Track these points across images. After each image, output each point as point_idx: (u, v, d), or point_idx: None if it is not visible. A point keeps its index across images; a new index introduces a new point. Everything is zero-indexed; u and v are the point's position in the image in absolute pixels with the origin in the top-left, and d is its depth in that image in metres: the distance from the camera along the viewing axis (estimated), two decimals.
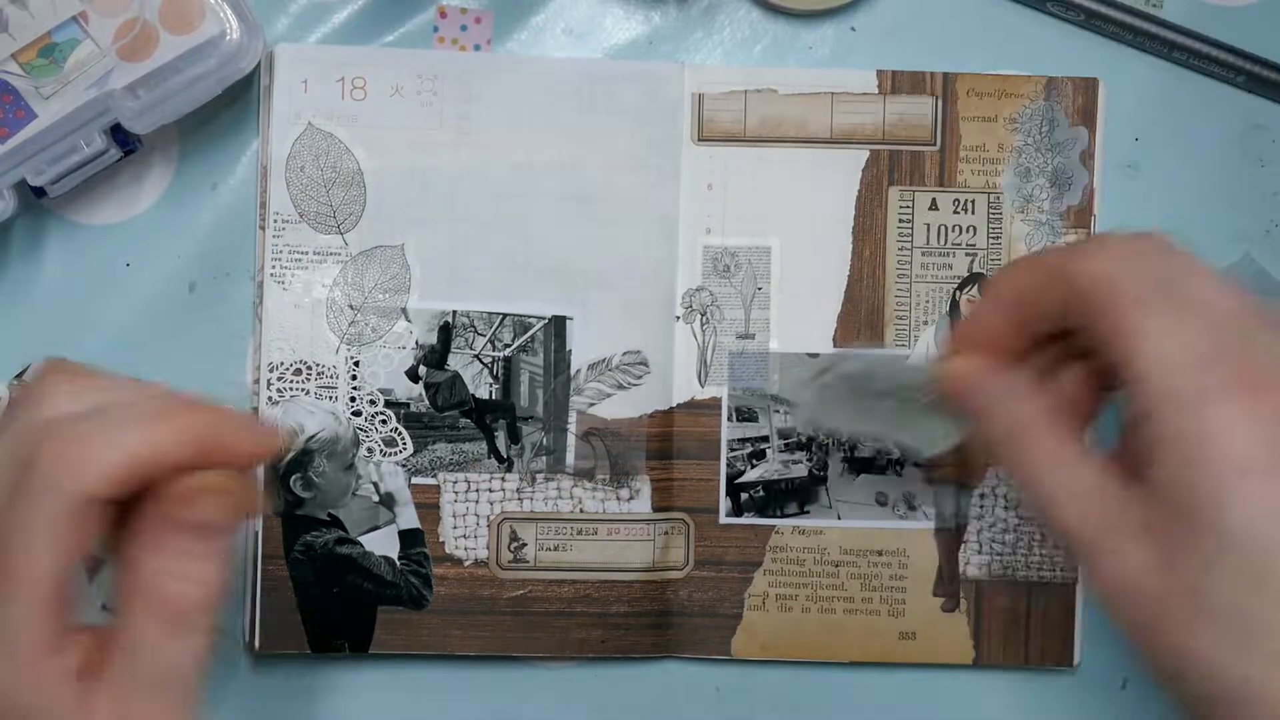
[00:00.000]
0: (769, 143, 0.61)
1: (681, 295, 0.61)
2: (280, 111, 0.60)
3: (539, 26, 0.62)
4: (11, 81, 0.56)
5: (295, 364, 0.60)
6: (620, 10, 0.62)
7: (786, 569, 0.61)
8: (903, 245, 0.61)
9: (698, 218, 0.61)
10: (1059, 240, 0.61)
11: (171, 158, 0.61)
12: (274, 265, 0.60)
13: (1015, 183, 0.61)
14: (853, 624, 0.61)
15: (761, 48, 0.62)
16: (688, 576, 0.61)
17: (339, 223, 0.60)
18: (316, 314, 0.60)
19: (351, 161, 0.60)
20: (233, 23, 0.57)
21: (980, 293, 0.61)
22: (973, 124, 0.61)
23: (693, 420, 0.61)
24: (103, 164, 0.57)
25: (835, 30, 0.62)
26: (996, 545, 0.61)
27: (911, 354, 0.61)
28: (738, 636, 0.61)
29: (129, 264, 0.61)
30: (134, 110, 0.56)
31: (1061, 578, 0.61)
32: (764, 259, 0.61)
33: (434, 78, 0.60)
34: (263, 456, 0.44)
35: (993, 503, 0.61)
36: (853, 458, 0.61)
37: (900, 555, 0.61)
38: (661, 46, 0.62)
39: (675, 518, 0.61)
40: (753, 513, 0.61)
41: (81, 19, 0.56)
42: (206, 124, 0.61)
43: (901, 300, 0.61)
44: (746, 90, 0.61)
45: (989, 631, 0.61)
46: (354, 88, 0.60)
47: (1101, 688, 0.62)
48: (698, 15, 0.62)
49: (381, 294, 0.60)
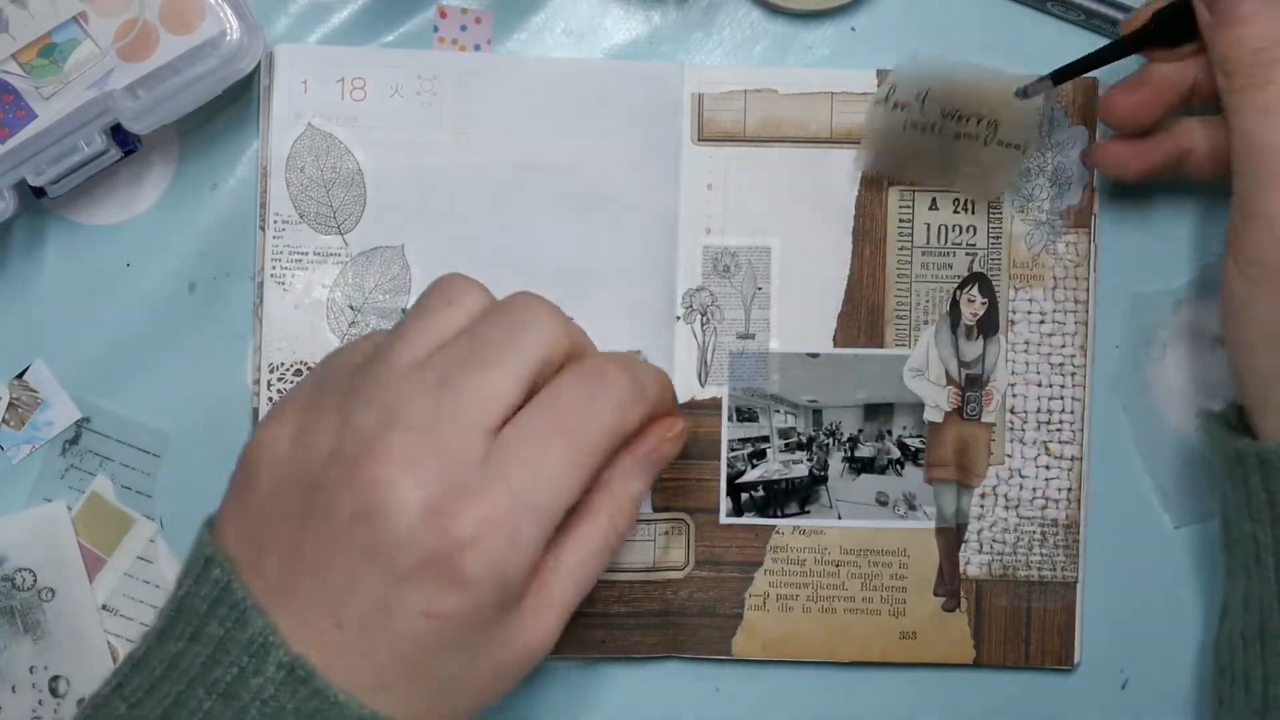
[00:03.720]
0: (769, 143, 0.61)
1: (681, 295, 0.61)
2: (280, 112, 0.60)
3: (539, 26, 0.62)
4: (11, 81, 0.56)
5: (295, 365, 0.60)
6: (620, 10, 0.62)
7: (787, 569, 0.61)
8: (903, 245, 0.61)
9: (698, 218, 0.61)
10: (1059, 241, 0.61)
11: (171, 158, 0.61)
12: (274, 266, 0.60)
13: (1015, 182, 0.61)
14: (853, 624, 0.61)
15: (761, 48, 0.62)
16: (688, 576, 0.61)
17: (339, 223, 0.60)
18: (317, 315, 0.60)
19: (351, 162, 0.60)
20: (233, 23, 0.57)
21: None
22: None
23: (693, 420, 0.61)
24: (103, 164, 0.57)
25: (835, 30, 0.62)
26: (996, 545, 0.61)
27: (912, 354, 0.61)
28: (738, 636, 0.61)
29: (129, 264, 0.61)
30: (134, 110, 0.56)
31: (1061, 577, 0.61)
32: (764, 259, 0.61)
33: (434, 78, 0.60)
34: None
35: (993, 502, 0.61)
36: (853, 457, 0.61)
37: (900, 555, 0.61)
38: (661, 46, 0.62)
39: (676, 518, 0.61)
40: (753, 513, 0.61)
41: (81, 19, 0.56)
42: (206, 124, 0.61)
43: (902, 300, 0.61)
44: (746, 90, 0.61)
45: (989, 631, 0.61)
46: (354, 88, 0.60)
47: (1101, 688, 0.62)
48: (698, 15, 0.62)
49: (382, 295, 0.60)
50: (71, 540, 0.60)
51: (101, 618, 0.60)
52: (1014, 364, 0.61)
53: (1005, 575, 0.61)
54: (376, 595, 0.45)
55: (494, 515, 0.46)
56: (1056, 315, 0.61)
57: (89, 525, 0.60)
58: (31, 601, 0.60)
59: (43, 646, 0.60)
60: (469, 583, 0.45)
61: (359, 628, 0.46)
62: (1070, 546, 0.61)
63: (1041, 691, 0.62)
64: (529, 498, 0.46)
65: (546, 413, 0.48)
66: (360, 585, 0.46)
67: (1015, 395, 0.61)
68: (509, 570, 0.46)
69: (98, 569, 0.61)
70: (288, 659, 0.45)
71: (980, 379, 0.61)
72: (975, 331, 0.61)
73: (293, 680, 0.45)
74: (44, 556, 0.60)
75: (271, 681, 0.45)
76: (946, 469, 0.61)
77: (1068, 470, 0.61)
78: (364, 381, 0.48)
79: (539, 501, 0.47)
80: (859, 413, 0.61)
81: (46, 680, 0.60)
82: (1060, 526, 0.61)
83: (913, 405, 0.61)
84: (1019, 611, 0.61)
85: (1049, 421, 0.61)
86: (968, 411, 0.61)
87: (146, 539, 0.61)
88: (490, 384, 0.47)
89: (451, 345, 0.48)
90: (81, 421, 0.61)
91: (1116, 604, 0.62)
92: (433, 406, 0.46)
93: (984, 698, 0.62)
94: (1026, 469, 0.61)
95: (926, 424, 0.61)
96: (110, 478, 0.61)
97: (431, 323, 0.49)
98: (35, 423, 0.60)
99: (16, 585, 0.60)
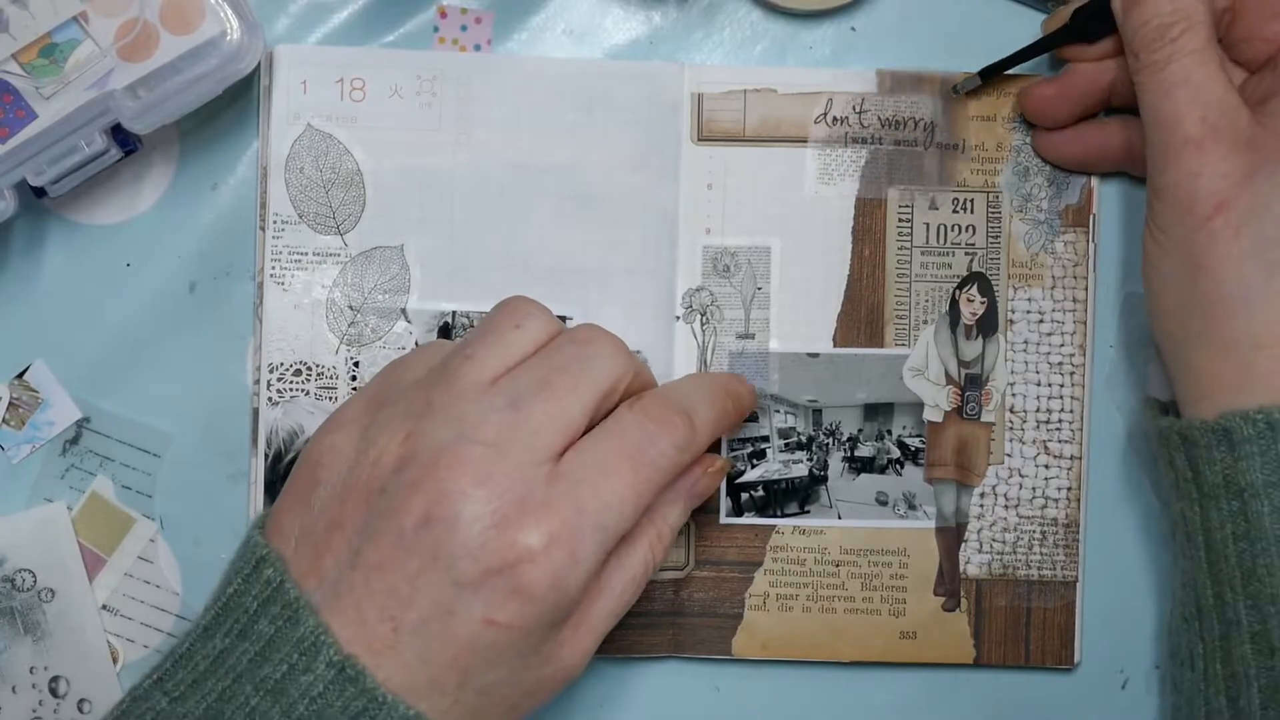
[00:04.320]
0: (769, 143, 0.61)
1: (681, 295, 0.61)
2: (280, 112, 0.60)
3: (539, 26, 0.62)
4: (12, 81, 0.56)
5: (295, 364, 0.60)
6: (620, 10, 0.62)
7: (787, 569, 0.61)
8: (902, 245, 0.61)
9: (698, 218, 0.61)
10: (1057, 240, 0.61)
11: (171, 158, 0.61)
12: (274, 266, 0.60)
13: (1014, 181, 0.61)
14: (853, 624, 0.61)
15: (761, 48, 0.62)
16: (688, 576, 0.61)
17: (338, 223, 0.60)
18: (316, 315, 0.60)
19: (351, 162, 0.60)
20: (233, 23, 0.57)
21: None
22: (972, 123, 0.61)
23: None
24: (103, 164, 0.57)
25: (835, 30, 0.62)
26: (996, 545, 0.61)
27: (911, 354, 0.61)
28: (738, 636, 0.61)
29: (129, 264, 0.61)
30: (134, 110, 0.56)
31: (1062, 577, 0.61)
32: (764, 259, 0.61)
33: (433, 78, 0.60)
34: None
35: (992, 502, 0.61)
36: (853, 457, 0.61)
37: (900, 555, 0.61)
38: (661, 46, 0.62)
39: None
40: (753, 513, 0.61)
41: (81, 19, 0.56)
42: (206, 124, 0.61)
43: (901, 300, 0.61)
44: (746, 90, 0.61)
45: (989, 631, 0.61)
46: (353, 88, 0.60)
47: (1101, 688, 0.62)
48: (698, 15, 0.62)
49: (381, 294, 0.60)
50: (71, 540, 0.60)
51: (101, 618, 0.60)
52: (1013, 363, 0.61)
53: (1005, 575, 0.61)
54: (439, 600, 0.47)
55: (559, 532, 0.48)
56: (1055, 315, 0.61)
57: (89, 525, 0.60)
58: (31, 602, 0.60)
59: (43, 647, 0.60)
60: (531, 594, 0.47)
61: (417, 631, 0.47)
62: (1070, 546, 0.61)
63: (1041, 691, 0.62)
64: (592, 518, 0.49)
65: (614, 441, 0.50)
66: (423, 589, 0.47)
67: (1015, 395, 0.61)
68: (569, 585, 0.48)
69: (98, 569, 0.61)
70: (338, 658, 0.47)
71: (980, 378, 0.61)
72: (974, 331, 0.61)
73: (342, 679, 0.47)
74: (44, 557, 0.60)
75: (321, 679, 0.47)
76: (946, 468, 0.61)
77: (1067, 469, 0.61)
78: (434, 396, 0.49)
79: (601, 522, 0.49)
80: (859, 412, 0.61)
81: (46, 680, 0.60)
82: (1060, 526, 0.61)
83: (912, 405, 0.61)
84: (1019, 611, 0.61)
85: (1048, 421, 0.61)
86: (967, 411, 0.61)
87: (146, 539, 0.61)
88: (561, 410, 0.49)
89: (523, 370, 0.50)
90: (81, 421, 0.61)
91: (1116, 604, 0.62)
92: (504, 426, 0.48)
93: (984, 698, 0.62)
94: (1026, 468, 0.61)
95: (926, 423, 0.61)
96: (110, 478, 0.61)
97: (499, 345, 0.51)
98: (35, 423, 0.60)
99: (16, 585, 0.60)
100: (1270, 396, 0.52)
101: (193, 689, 0.48)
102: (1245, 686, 0.52)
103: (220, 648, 0.48)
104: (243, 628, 0.48)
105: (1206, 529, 0.53)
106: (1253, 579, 0.52)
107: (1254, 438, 0.52)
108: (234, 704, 0.47)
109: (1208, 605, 0.54)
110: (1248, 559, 0.52)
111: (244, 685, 0.48)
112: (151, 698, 0.49)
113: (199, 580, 0.61)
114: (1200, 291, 0.53)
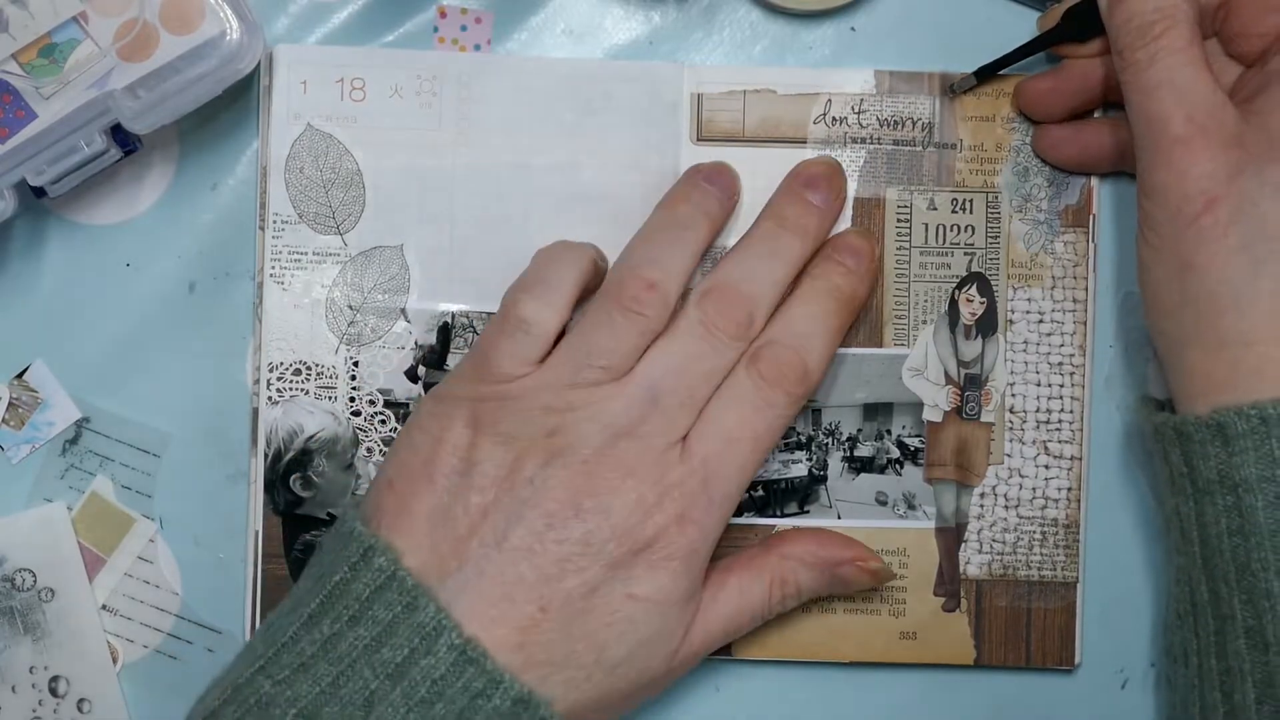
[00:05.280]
0: (769, 143, 0.61)
1: None
2: (279, 112, 0.60)
3: (539, 26, 0.62)
4: (11, 81, 0.56)
5: (295, 364, 0.60)
6: (620, 10, 0.62)
7: None
8: (901, 245, 0.61)
9: None
10: (1057, 240, 0.61)
11: (171, 158, 0.61)
12: (273, 266, 0.60)
13: (1013, 182, 0.61)
14: (853, 624, 0.61)
15: (761, 48, 0.62)
16: None
17: (338, 223, 0.60)
18: (316, 314, 0.60)
19: (351, 162, 0.60)
20: (233, 23, 0.57)
21: None
22: (971, 123, 0.61)
23: None
24: (103, 164, 0.57)
25: (835, 30, 0.62)
26: (996, 545, 0.61)
27: (911, 354, 0.61)
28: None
29: (129, 264, 0.61)
30: (134, 110, 0.56)
31: (1062, 577, 0.61)
32: None
33: (433, 78, 0.60)
34: None
35: (993, 502, 0.61)
36: (852, 457, 0.61)
37: (900, 555, 0.61)
38: (661, 46, 0.62)
39: None
40: (752, 512, 0.61)
41: (81, 19, 0.56)
42: (206, 124, 0.61)
43: (900, 300, 0.61)
44: (746, 90, 0.61)
45: (989, 631, 0.61)
46: (353, 88, 0.60)
47: (1101, 688, 0.62)
48: (698, 15, 0.62)
49: (381, 294, 0.60)
50: (71, 540, 0.60)
51: (101, 618, 0.60)
52: (1013, 363, 0.61)
53: (1005, 575, 0.61)
54: (587, 580, 0.52)
55: (689, 509, 0.53)
56: (1055, 315, 0.61)
57: (89, 525, 0.61)
58: (31, 601, 0.60)
59: (43, 646, 0.60)
60: (668, 568, 0.53)
61: (564, 608, 0.51)
62: (1070, 546, 0.61)
63: (1042, 692, 0.62)
64: (719, 491, 0.54)
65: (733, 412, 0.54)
66: (572, 572, 0.52)
67: (1014, 395, 0.61)
68: (700, 553, 0.54)
69: (98, 569, 0.61)
70: (459, 641, 0.50)
71: (979, 378, 0.61)
72: (974, 331, 0.61)
73: (463, 661, 0.50)
74: (44, 556, 0.60)
75: (442, 662, 0.50)
76: (946, 469, 0.61)
77: (1067, 470, 0.61)
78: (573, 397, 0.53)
79: (726, 493, 0.54)
80: (858, 412, 0.61)
81: (46, 680, 0.60)
82: (1060, 526, 0.61)
83: (912, 405, 0.61)
84: (1019, 611, 0.61)
85: (1048, 421, 0.61)
86: (967, 411, 0.61)
87: (146, 539, 0.61)
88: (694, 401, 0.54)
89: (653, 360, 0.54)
90: (81, 421, 0.61)
91: (1117, 604, 0.62)
92: (646, 418, 0.53)
93: (984, 698, 0.62)
94: (1026, 468, 0.61)
95: (926, 423, 0.61)
96: (110, 478, 0.61)
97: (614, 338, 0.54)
98: (35, 423, 0.60)
99: (16, 585, 0.60)
100: (1263, 392, 0.52)
101: (300, 673, 0.50)
102: (1240, 682, 0.52)
103: (329, 633, 0.51)
104: (354, 614, 0.50)
105: (1201, 524, 0.53)
106: (1247, 574, 0.52)
107: (1247, 433, 0.52)
108: (351, 686, 0.50)
109: (1202, 601, 0.54)
110: (1242, 554, 0.52)
111: (361, 669, 0.50)
112: (255, 682, 0.50)
113: (199, 580, 0.61)
114: (1191, 290, 0.53)
